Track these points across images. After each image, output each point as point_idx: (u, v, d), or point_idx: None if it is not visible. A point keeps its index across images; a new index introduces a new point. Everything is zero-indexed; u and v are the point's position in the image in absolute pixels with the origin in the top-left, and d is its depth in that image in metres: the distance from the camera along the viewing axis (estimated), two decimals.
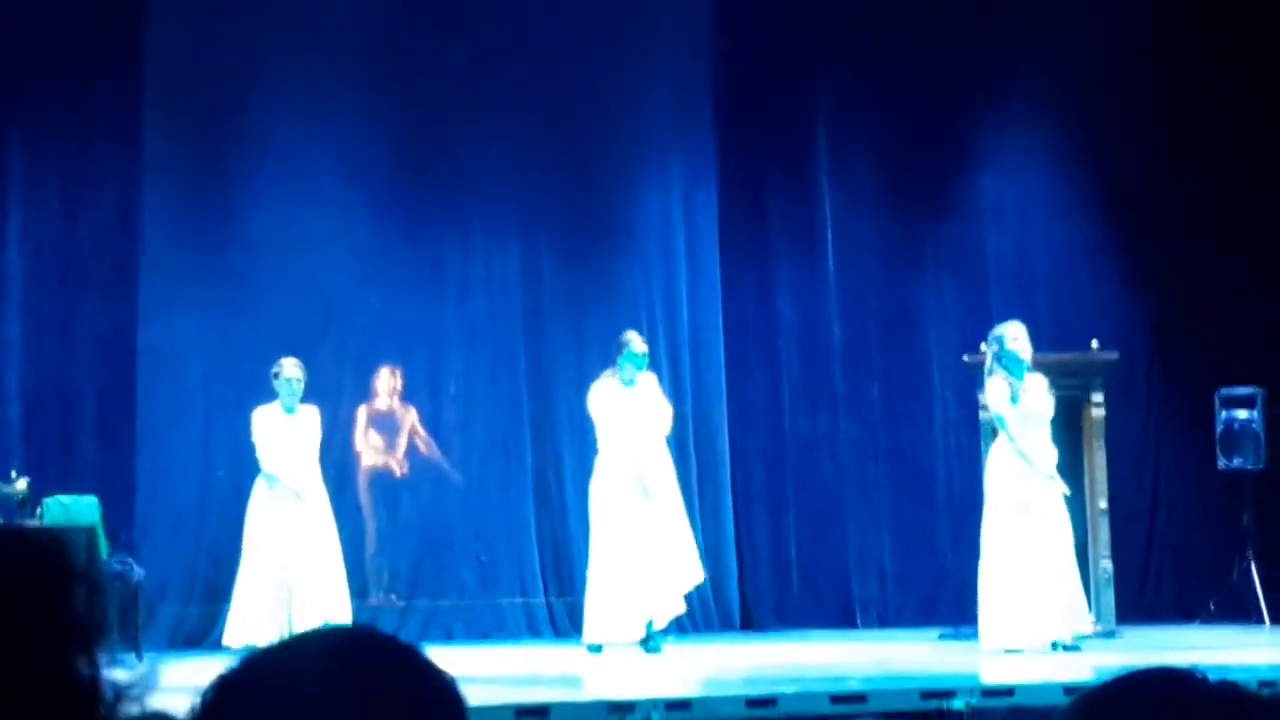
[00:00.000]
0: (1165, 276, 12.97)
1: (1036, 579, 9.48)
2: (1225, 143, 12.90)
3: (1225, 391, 12.50)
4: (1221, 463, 12.47)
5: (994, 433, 9.96)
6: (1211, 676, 1.35)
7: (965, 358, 11.07)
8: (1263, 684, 7.70)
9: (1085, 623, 9.87)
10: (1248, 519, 12.39)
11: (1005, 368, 9.73)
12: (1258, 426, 12.37)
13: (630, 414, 9.85)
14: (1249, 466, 12.40)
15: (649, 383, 10.10)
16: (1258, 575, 12.12)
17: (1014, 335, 9.81)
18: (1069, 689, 7.29)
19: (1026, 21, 12.80)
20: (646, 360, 10.10)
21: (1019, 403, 9.67)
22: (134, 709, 1.35)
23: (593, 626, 9.79)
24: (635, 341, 9.99)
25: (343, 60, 11.29)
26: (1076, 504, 10.38)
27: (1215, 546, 12.55)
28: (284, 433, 9.72)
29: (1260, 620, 11.88)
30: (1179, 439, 12.91)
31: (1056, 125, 13.16)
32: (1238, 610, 12.13)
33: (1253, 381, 12.42)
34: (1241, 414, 12.44)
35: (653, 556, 9.73)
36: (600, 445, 10.02)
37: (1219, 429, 12.50)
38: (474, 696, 1.38)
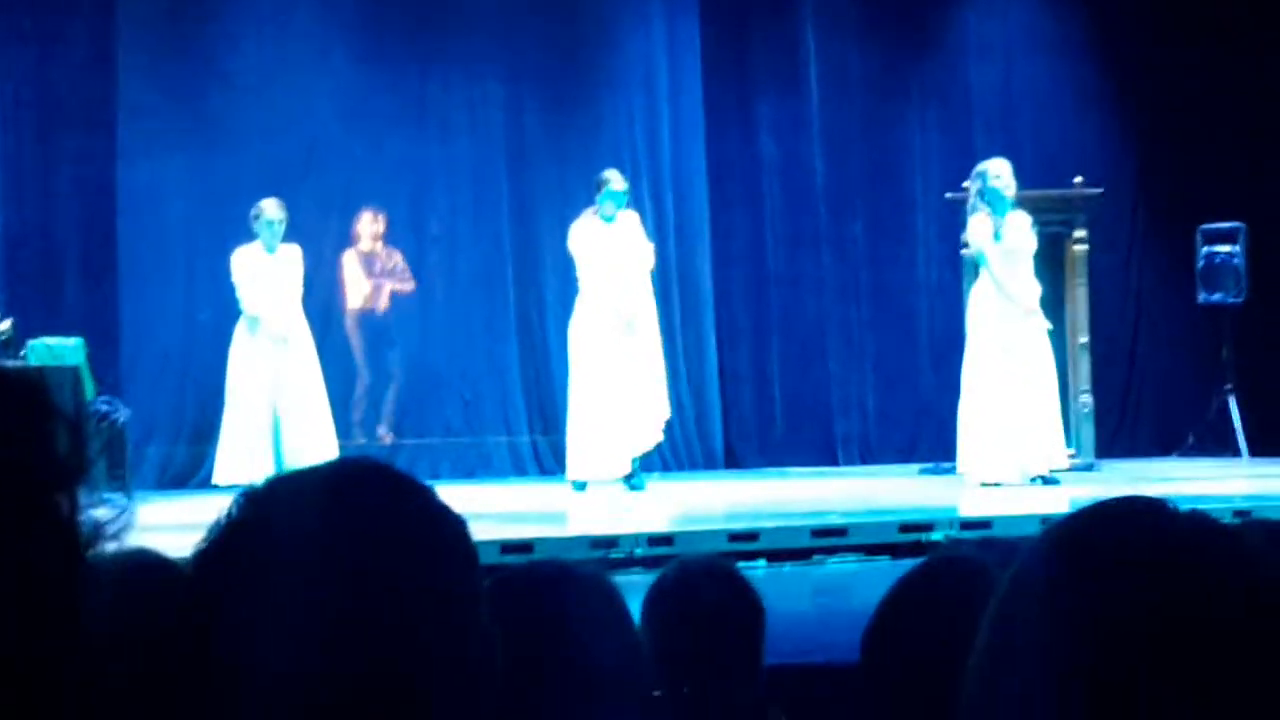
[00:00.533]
0: (1149, 114, 12.94)
1: (1015, 415, 9.57)
2: None
3: (1207, 227, 12.53)
4: (1202, 297, 12.53)
5: (976, 270, 9.99)
6: (1184, 507, 1.37)
7: (948, 195, 11.07)
8: (1237, 514, 7.81)
9: (1063, 457, 9.98)
10: (1227, 353, 12.47)
11: (989, 204, 9.74)
12: (1239, 261, 12.41)
13: (611, 252, 9.83)
14: (1229, 300, 12.46)
15: (630, 221, 10.08)
16: (1236, 408, 12.24)
17: (997, 172, 9.81)
18: (1045, 520, 7.39)
19: None
20: (627, 198, 10.07)
21: (1002, 239, 9.69)
22: (112, 546, 1.35)
23: (576, 464, 9.87)
24: (615, 179, 9.95)
25: None
26: (1058, 339, 10.46)
27: (1194, 380, 12.65)
28: (265, 273, 9.71)
29: (1238, 452, 12.01)
30: (1160, 274, 12.97)
31: None
32: (1216, 443, 12.26)
33: (1234, 217, 12.44)
34: (1223, 248, 12.48)
35: (632, 394, 9.76)
36: (580, 284, 10.02)
37: (1200, 264, 12.54)
38: None
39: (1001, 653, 1.25)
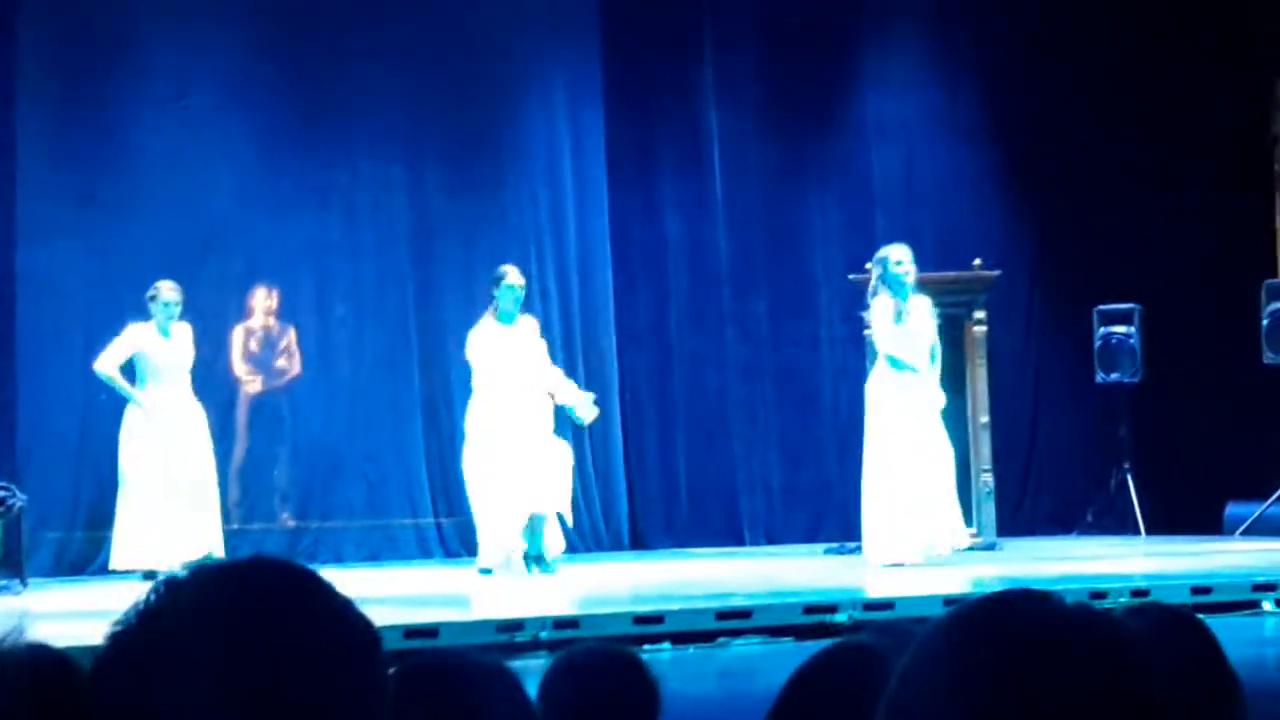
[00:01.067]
0: (1046, 196, 13.14)
1: (916, 495, 9.64)
2: (1108, 70, 13.04)
3: (1103, 308, 12.72)
4: (1100, 377, 12.70)
5: (877, 351, 10.07)
6: (1070, 599, 1.40)
7: (850, 276, 11.18)
8: (1135, 593, 7.92)
9: (964, 536, 10.05)
10: (1124, 431, 12.64)
11: (889, 288, 9.84)
12: (1134, 341, 12.61)
13: (507, 355, 9.78)
14: (1126, 380, 12.64)
15: (529, 325, 10.04)
16: (1134, 487, 12.38)
17: (898, 258, 9.91)
18: (948, 600, 7.44)
19: None
20: (522, 295, 9.97)
21: (902, 322, 9.79)
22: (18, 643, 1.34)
23: (486, 551, 9.81)
24: (511, 274, 9.89)
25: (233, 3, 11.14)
26: (959, 418, 10.57)
27: (1093, 459, 12.80)
28: (160, 351, 9.66)
29: (1136, 531, 12.15)
30: (1059, 354, 13.13)
31: (943, 44, 13.27)
32: (1115, 521, 12.40)
33: (1130, 298, 12.64)
34: (1119, 329, 12.67)
35: (532, 481, 9.68)
36: (475, 387, 9.96)
37: (1097, 344, 12.73)
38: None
39: None
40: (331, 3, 11.43)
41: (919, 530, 9.64)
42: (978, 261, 11.36)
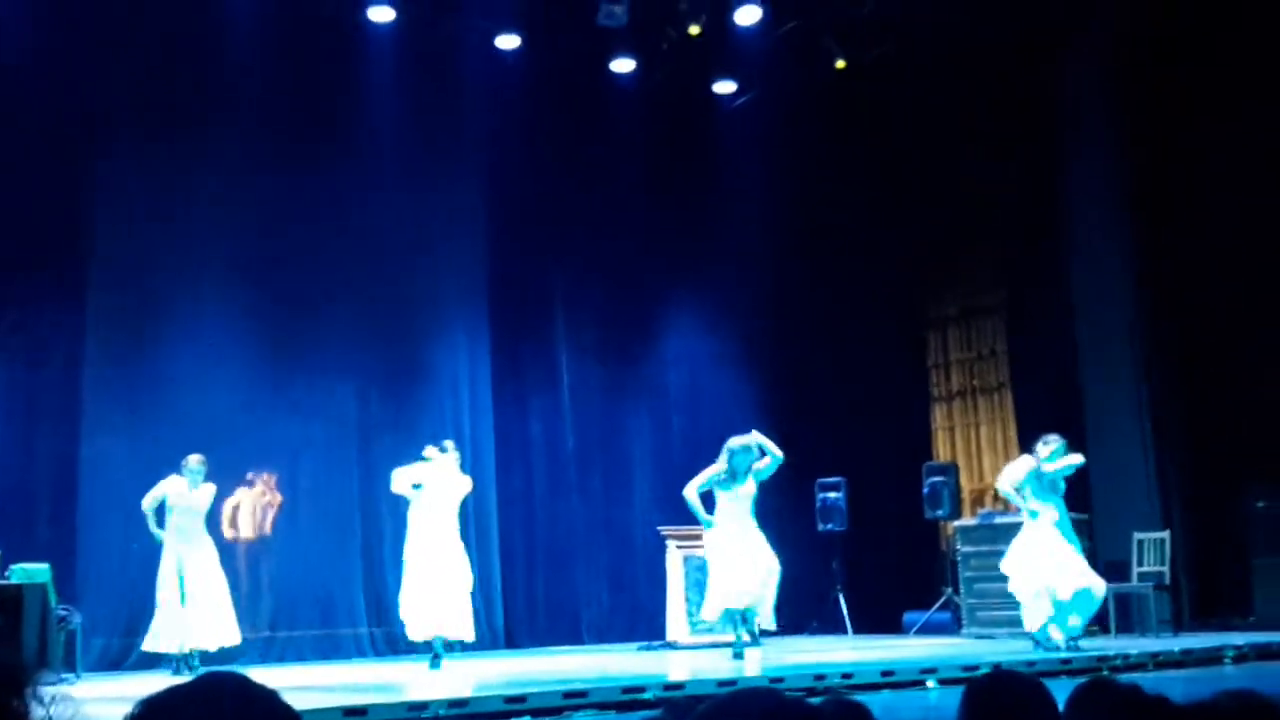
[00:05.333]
0: (783, 405, 13.41)
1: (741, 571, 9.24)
2: (829, 316, 13.42)
3: (822, 480, 12.95)
4: (820, 527, 12.89)
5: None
6: (790, 693, 1.41)
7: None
8: (844, 675, 7.91)
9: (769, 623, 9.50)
10: (836, 564, 12.80)
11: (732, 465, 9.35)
12: (842, 503, 12.84)
13: (431, 481, 9.52)
14: (837, 529, 12.84)
15: (448, 460, 9.69)
16: (844, 601, 12.50)
17: (742, 444, 9.42)
18: (721, 683, 7.43)
19: (705, 229, 13.24)
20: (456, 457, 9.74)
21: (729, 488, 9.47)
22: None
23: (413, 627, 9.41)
24: (449, 449, 9.77)
25: (232, 277, 11.09)
26: None
27: (816, 583, 12.91)
28: (185, 501, 9.42)
29: (845, 631, 12.24)
30: (791, 511, 13.27)
31: (719, 305, 13.59)
32: (832, 625, 12.48)
33: (839, 473, 12.88)
34: (831, 494, 12.90)
35: (446, 587, 9.47)
36: (411, 507, 9.62)
37: (817, 505, 12.94)
38: (314, 701, 1.40)
39: None
40: (306, 283, 11.40)
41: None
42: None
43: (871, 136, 13.23)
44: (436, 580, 9.35)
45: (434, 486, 9.54)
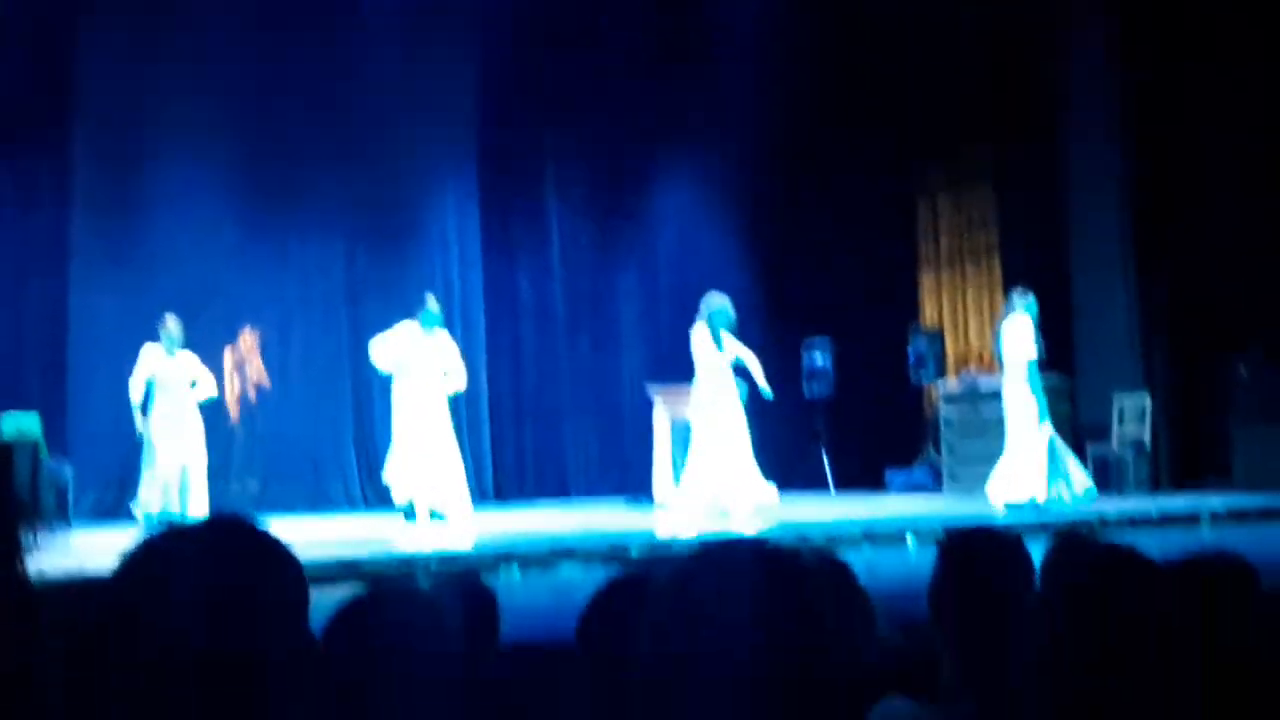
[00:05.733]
0: (773, 268, 13.40)
1: (722, 463, 9.35)
2: (820, 181, 13.30)
3: (808, 340, 12.99)
4: (805, 388, 12.98)
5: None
6: (774, 540, 1.44)
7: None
8: (827, 535, 8.03)
9: (768, 495, 9.69)
10: (821, 425, 12.94)
11: (710, 323, 9.41)
12: (829, 365, 12.91)
13: (425, 351, 9.42)
14: (823, 391, 12.94)
15: (443, 337, 9.68)
16: (828, 460, 12.68)
17: (719, 303, 9.52)
18: (702, 540, 7.54)
19: (696, 96, 13.02)
20: (440, 318, 9.63)
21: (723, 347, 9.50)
22: (53, 569, 1.27)
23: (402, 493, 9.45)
24: (430, 302, 9.71)
25: (220, 134, 10.91)
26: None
27: (800, 443, 13.06)
28: (167, 371, 9.43)
29: (828, 490, 12.45)
30: (778, 373, 13.31)
31: (710, 167, 13.44)
32: (815, 483, 12.67)
33: (826, 336, 12.91)
34: (818, 357, 12.96)
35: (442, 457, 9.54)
36: (397, 376, 9.62)
37: (804, 367, 13.01)
38: (307, 554, 1.42)
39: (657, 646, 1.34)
40: (297, 137, 11.23)
41: (717, 490, 9.36)
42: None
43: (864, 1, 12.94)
44: (424, 456, 9.33)
45: (416, 362, 9.41)
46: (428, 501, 9.42)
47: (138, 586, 1.21)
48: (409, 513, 9.40)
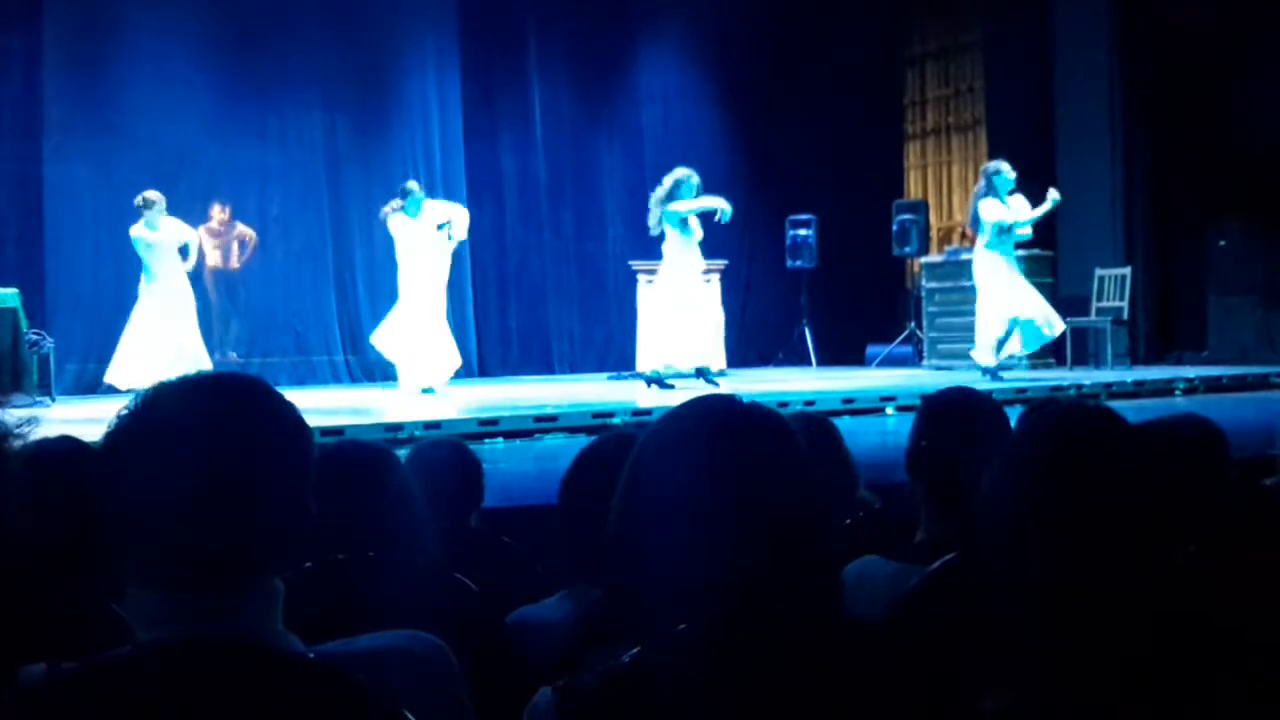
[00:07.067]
0: (758, 141, 13.28)
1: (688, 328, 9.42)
2: (807, 51, 13.10)
3: (792, 216, 12.96)
4: (789, 263, 12.99)
5: (664, 236, 9.55)
6: (748, 398, 1.45)
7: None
8: (807, 402, 8.14)
9: (721, 363, 9.80)
10: (804, 299, 12.97)
11: (681, 196, 9.35)
12: (812, 239, 12.89)
13: (418, 234, 9.39)
14: (805, 266, 12.94)
15: (431, 207, 9.56)
16: (809, 335, 12.74)
17: (686, 175, 9.45)
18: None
19: None
20: (423, 198, 9.55)
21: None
22: (27, 438, 1.22)
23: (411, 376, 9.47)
24: (414, 188, 9.60)
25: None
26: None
27: (783, 317, 13.12)
28: (149, 238, 9.30)
29: (810, 363, 12.53)
30: (761, 247, 13.35)
31: (695, 39, 13.23)
32: (797, 357, 12.76)
33: (809, 210, 12.88)
34: (802, 231, 12.94)
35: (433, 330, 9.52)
36: (400, 260, 9.46)
37: (787, 241, 13.00)
38: None
39: (629, 492, 1.36)
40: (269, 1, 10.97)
41: (689, 352, 9.37)
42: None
43: None
44: (416, 326, 9.36)
45: (412, 246, 9.38)
46: (417, 375, 9.45)
47: (135, 440, 1.20)
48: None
